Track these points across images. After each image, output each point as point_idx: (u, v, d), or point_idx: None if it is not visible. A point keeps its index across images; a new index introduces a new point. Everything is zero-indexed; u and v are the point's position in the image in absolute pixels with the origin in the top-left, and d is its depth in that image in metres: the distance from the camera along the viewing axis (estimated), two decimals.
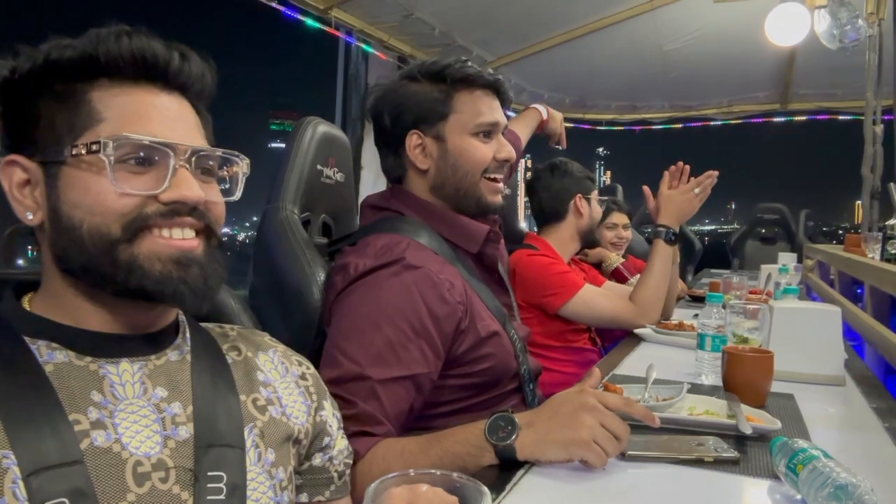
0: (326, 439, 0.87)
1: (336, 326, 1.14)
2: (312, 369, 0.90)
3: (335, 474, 0.89)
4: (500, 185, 1.33)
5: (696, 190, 1.97)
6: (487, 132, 1.30)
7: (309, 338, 1.24)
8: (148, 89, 0.72)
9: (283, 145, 1.46)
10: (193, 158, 0.72)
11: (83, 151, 0.68)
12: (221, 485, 0.70)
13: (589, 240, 2.34)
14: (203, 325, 0.84)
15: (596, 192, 2.34)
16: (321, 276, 1.27)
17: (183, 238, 0.71)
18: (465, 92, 1.29)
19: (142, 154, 0.69)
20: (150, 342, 0.74)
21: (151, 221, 0.69)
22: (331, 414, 0.89)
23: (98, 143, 0.68)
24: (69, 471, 0.61)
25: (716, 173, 1.97)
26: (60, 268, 0.71)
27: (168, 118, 0.72)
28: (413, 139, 1.28)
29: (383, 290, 1.13)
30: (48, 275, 0.72)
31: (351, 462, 0.92)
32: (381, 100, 1.32)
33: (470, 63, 1.30)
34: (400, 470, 0.73)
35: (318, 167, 1.40)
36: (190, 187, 0.71)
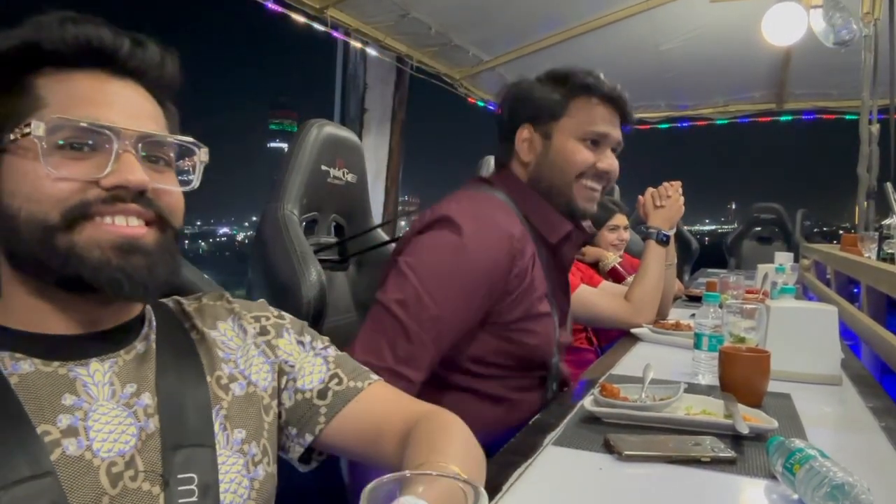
0: (284, 378, 0.84)
1: (418, 258, 1.21)
2: (271, 318, 0.86)
3: (317, 399, 0.83)
4: (596, 194, 1.39)
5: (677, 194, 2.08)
6: (595, 140, 1.37)
7: None
8: (96, 75, 0.69)
9: (282, 145, 1.50)
10: (140, 144, 0.69)
11: (19, 136, 0.66)
12: (193, 486, 0.69)
13: None
14: (163, 301, 0.81)
15: None
16: (312, 276, 1.29)
17: (127, 225, 0.68)
18: (583, 99, 1.37)
19: (79, 137, 0.66)
20: (116, 338, 0.71)
21: (94, 209, 0.66)
22: (287, 349, 0.84)
23: (29, 124, 0.65)
24: (41, 483, 0.60)
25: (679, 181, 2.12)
26: (11, 264, 0.68)
27: (115, 103, 0.69)
28: (523, 132, 1.37)
29: (466, 242, 1.20)
30: (3, 274, 0.70)
31: (337, 372, 0.86)
32: (506, 93, 1.42)
33: (599, 75, 1.39)
34: None
35: (323, 168, 1.42)
36: (132, 171, 0.67)
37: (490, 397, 1.30)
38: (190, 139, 0.74)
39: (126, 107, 0.70)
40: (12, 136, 0.66)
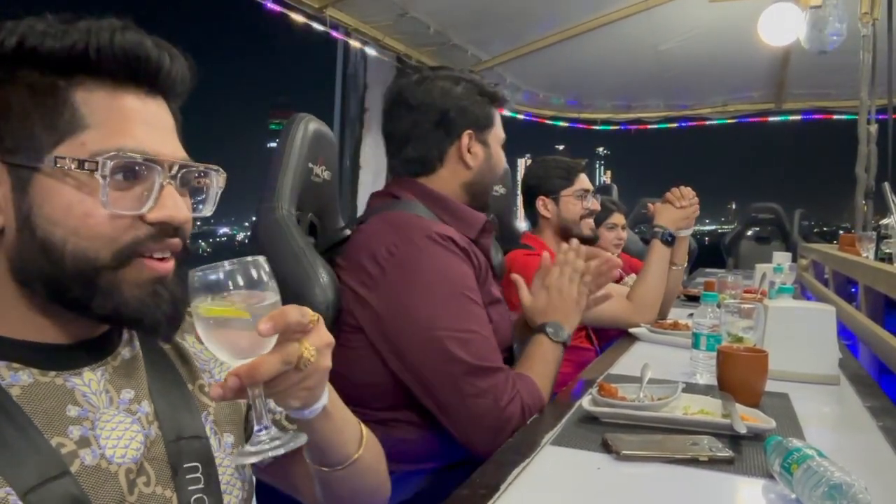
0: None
1: (419, 316, 1.21)
2: None
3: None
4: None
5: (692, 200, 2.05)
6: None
7: None
8: (134, 93, 0.66)
9: None
10: (179, 174, 0.68)
11: (72, 166, 0.62)
12: (199, 475, 0.71)
13: (574, 236, 2.28)
14: None
15: (575, 188, 2.26)
16: (323, 277, 1.24)
17: (162, 259, 0.67)
18: (497, 110, 1.48)
19: (132, 170, 0.64)
20: (102, 345, 0.70)
21: (142, 247, 0.65)
22: None
23: (95, 161, 0.61)
24: (62, 483, 0.60)
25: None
26: (18, 279, 0.64)
27: (154, 127, 0.67)
28: (467, 138, 1.42)
29: (437, 263, 1.25)
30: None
31: None
32: (446, 92, 1.41)
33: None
34: (548, 389, 1.31)
35: (310, 165, 1.38)
36: (178, 207, 0.66)
37: None
38: (215, 166, 0.72)
39: (162, 131, 0.68)
40: (59, 163, 0.62)
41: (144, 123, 0.66)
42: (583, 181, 2.29)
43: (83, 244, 0.63)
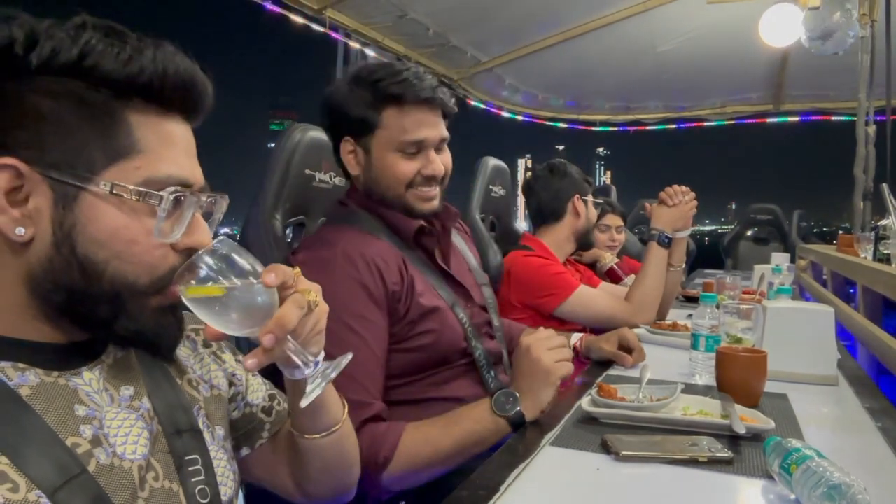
0: (233, 389, 0.86)
1: None
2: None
3: (262, 415, 0.88)
4: (432, 192, 1.33)
5: (686, 198, 2.06)
6: (412, 150, 1.29)
7: None
8: (175, 118, 0.67)
9: None
10: (205, 202, 0.69)
11: (133, 197, 0.62)
12: (199, 466, 0.72)
13: (584, 241, 2.34)
14: None
15: (591, 194, 2.35)
16: None
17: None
18: (394, 108, 1.27)
19: (179, 200, 0.65)
20: (95, 345, 0.71)
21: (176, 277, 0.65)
22: (231, 362, 0.88)
23: (159, 196, 0.62)
24: (82, 480, 0.61)
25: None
26: (35, 289, 0.63)
27: (189, 154, 0.68)
28: (346, 146, 1.32)
29: (327, 279, 1.12)
30: (4, 290, 0.63)
31: (274, 392, 0.92)
32: (327, 100, 1.33)
33: (410, 75, 1.27)
34: (429, 455, 1.08)
35: (308, 171, 1.42)
36: (206, 233, 0.68)
37: (421, 401, 1.28)
38: (224, 194, 0.73)
39: (194, 157, 0.69)
40: (116, 190, 0.62)
41: (184, 150, 0.67)
42: None
43: (124, 268, 0.64)
